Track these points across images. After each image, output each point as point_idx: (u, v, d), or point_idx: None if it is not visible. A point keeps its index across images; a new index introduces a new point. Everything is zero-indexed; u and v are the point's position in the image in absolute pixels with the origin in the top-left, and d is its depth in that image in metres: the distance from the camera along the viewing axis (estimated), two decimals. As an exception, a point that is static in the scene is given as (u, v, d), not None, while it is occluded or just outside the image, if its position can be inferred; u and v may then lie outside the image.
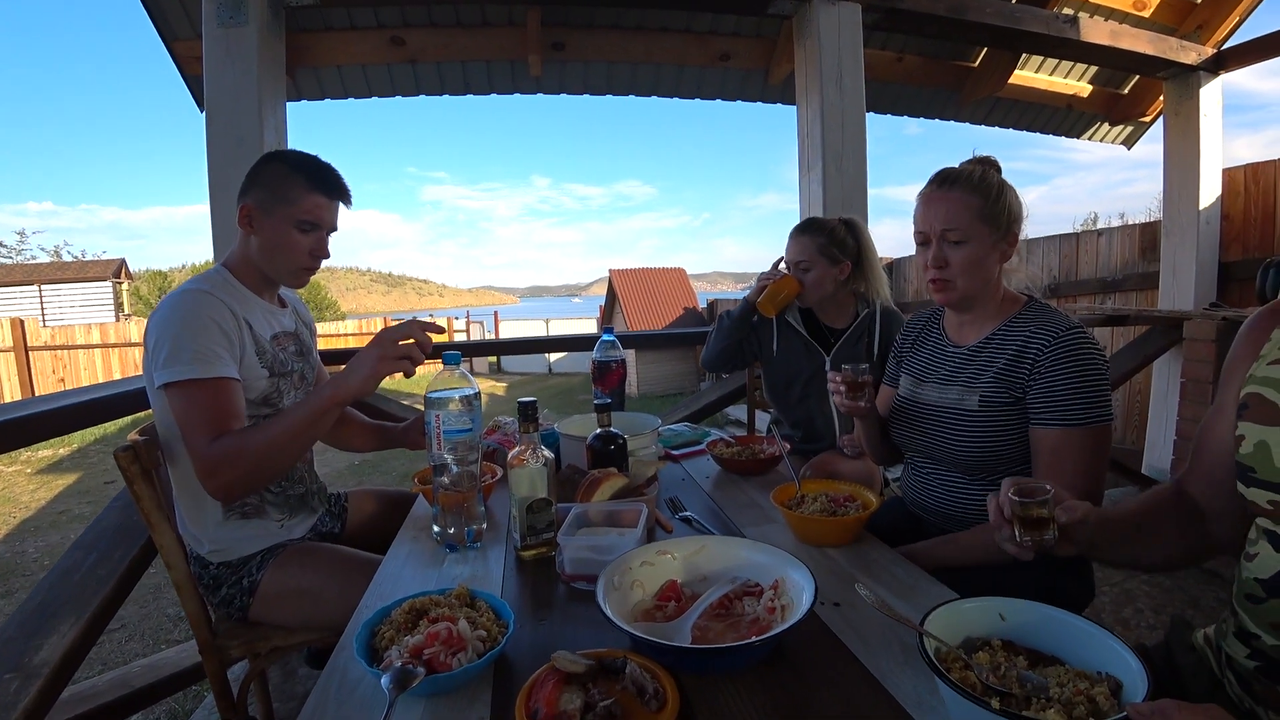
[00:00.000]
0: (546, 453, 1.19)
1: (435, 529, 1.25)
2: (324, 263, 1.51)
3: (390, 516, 1.73)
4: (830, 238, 2.00)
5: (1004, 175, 1.32)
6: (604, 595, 0.89)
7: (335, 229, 1.51)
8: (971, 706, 0.64)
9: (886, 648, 0.86)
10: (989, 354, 1.31)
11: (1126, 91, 4.44)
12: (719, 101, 4.01)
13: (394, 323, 1.51)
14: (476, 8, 3.24)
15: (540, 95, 3.73)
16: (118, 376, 12.93)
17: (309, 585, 1.42)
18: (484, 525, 1.27)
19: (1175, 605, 2.54)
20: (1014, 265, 1.35)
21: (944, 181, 1.30)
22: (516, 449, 1.18)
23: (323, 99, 3.51)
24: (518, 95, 3.68)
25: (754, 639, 0.80)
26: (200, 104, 2.64)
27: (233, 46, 2.42)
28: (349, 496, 1.80)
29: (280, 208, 1.42)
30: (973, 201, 1.27)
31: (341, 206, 1.51)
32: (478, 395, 1.20)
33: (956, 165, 1.34)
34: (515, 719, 0.70)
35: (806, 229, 2.03)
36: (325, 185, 1.45)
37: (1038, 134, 4.66)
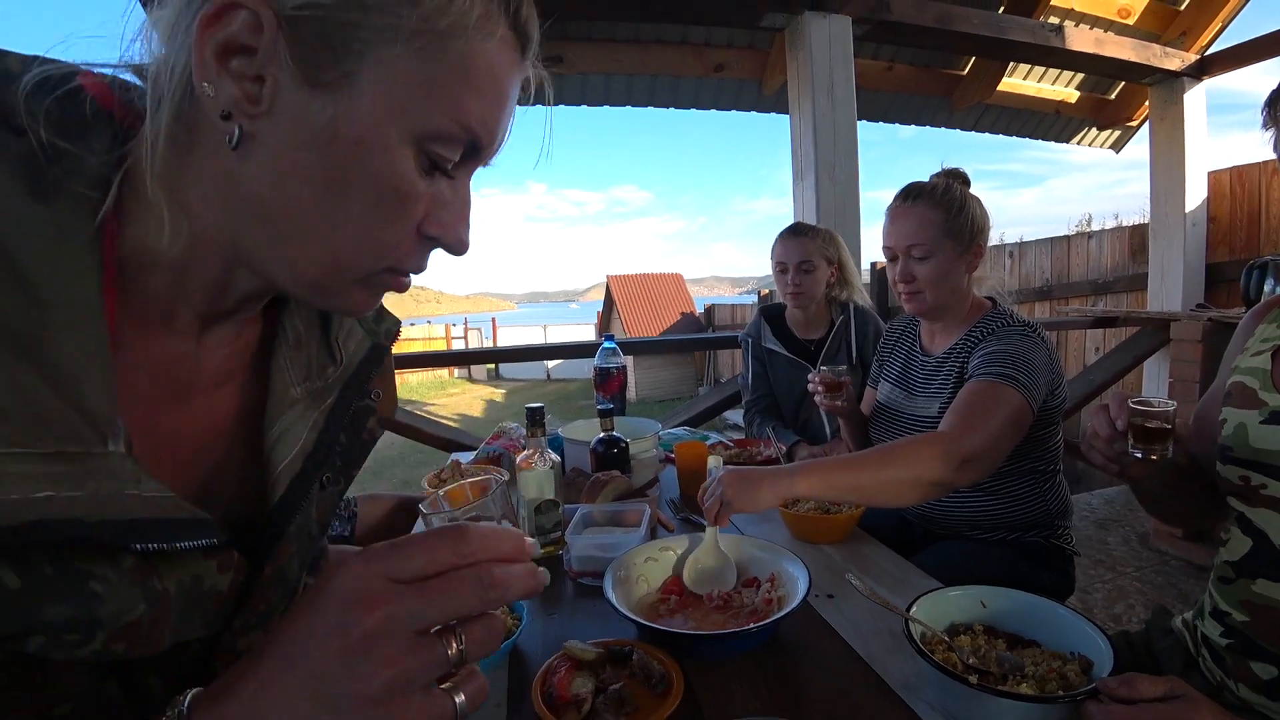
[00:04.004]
0: (554, 456, 1.24)
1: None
2: None
3: (399, 519, 1.77)
4: (826, 240, 2.08)
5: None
6: (611, 588, 0.95)
7: None
8: (952, 683, 0.70)
9: (877, 635, 0.91)
10: (951, 364, 1.38)
11: (1113, 97, 4.52)
12: (714, 111, 4.09)
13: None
14: (476, 24, 3.30)
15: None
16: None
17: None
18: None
19: (1167, 600, 2.60)
20: (983, 273, 1.42)
21: (908, 196, 1.37)
22: (525, 453, 1.23)
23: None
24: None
25: (751, 625, 0.86)
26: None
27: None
28: (358, 501, 1.85)
29: None
30: (935, 216, 1.33)
31: None
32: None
33: (925, 179, 1.40)
34: (531, 702, 0.76)
35: (803, 231, 2.10)
36: None
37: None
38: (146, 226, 0.45)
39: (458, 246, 0.52)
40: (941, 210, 1.33)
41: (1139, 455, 0.83)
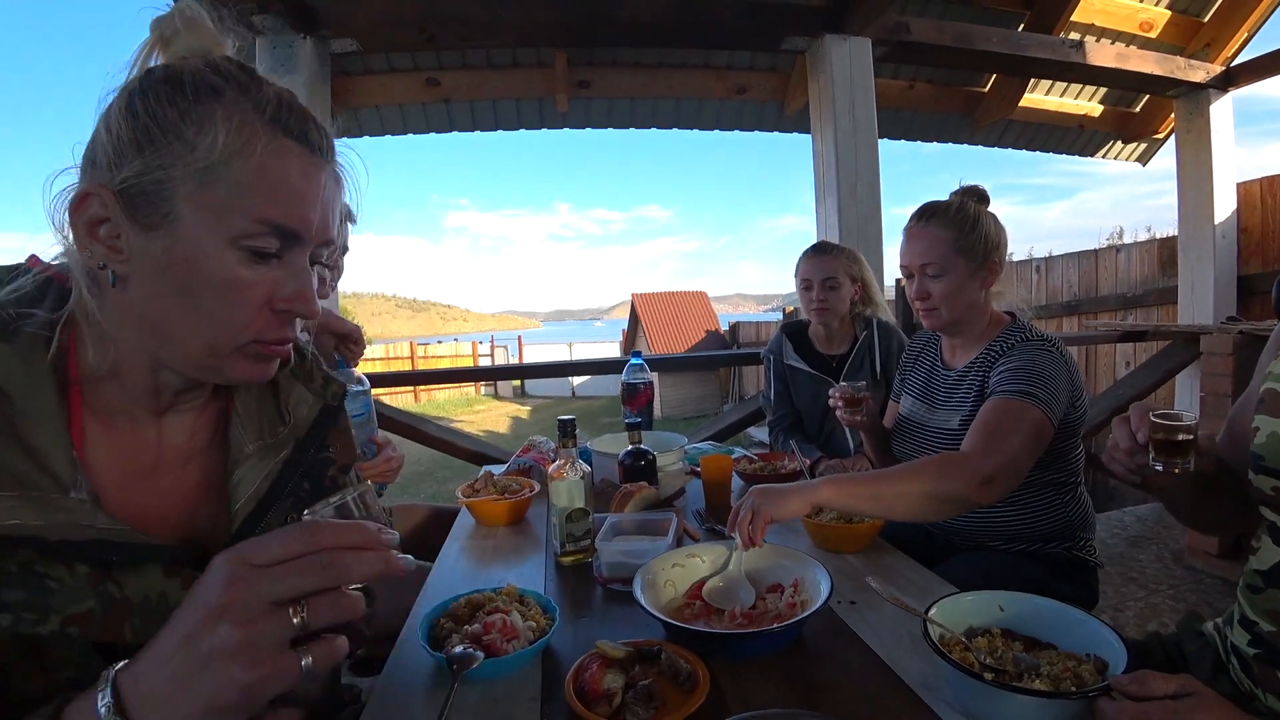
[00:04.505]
0: (585, 466, 1.29)
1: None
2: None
3: (433, 529, 1.83)
4: (850, 258, 2.12)
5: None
6: (640, 591, 0.99)
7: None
8: (969, 680, 0.73)
9: (897, 639, 0.94)
10: (972, 378, 1.40)
11: (1138, 110, 4.50)
12: (737, 132, 4.17)
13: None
14: (507, 50, 3.43)
15: (566, 130, 3.92)
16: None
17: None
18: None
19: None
20: (1002, 288, 1.45)
21: (922, 216, 1.41)
22: (557, 463, 1.28)
23: (361, 137, 3.71)
24: (545, 130, 3.87)
25: (775, 626, 0.89)
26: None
27: (283, 96, 2.59)
28: (393, 510, 1.91)
29: None
30: (947, 235, 1.37)
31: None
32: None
33: (944, 198, 1.44)
34: (564, 696, 0.80)
35: (827, 249, 2.14)
36: None
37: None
38: (88, 352, 0.64)
39: (306, 312, 0.67)
40: (954, 229, 1.37)
41: (1160, 468, 0.84)
